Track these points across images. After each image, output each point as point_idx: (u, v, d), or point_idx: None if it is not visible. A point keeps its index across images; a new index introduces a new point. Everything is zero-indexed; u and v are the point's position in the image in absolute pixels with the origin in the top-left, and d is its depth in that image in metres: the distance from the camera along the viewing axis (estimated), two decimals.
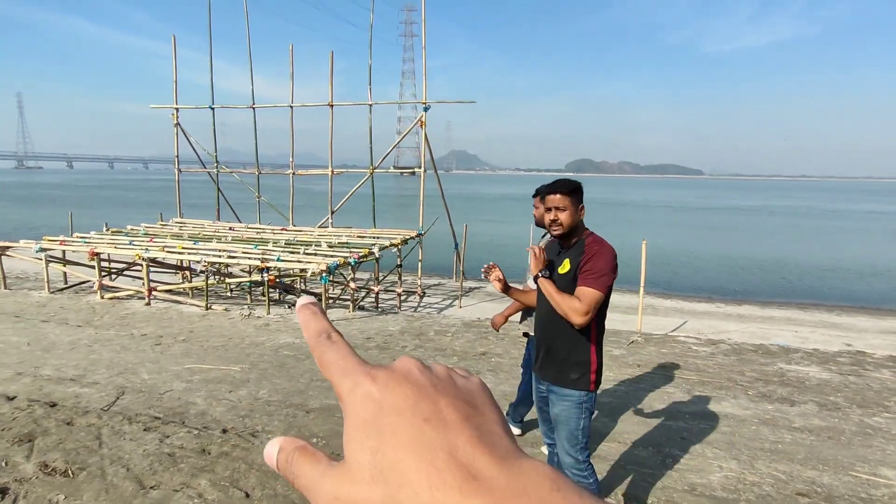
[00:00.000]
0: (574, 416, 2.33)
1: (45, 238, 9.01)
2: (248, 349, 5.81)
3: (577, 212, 2.36)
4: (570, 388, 2.32)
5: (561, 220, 2.33)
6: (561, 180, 2.38)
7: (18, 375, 4.66)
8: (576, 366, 2.32)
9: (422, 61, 10.69)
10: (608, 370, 5.48)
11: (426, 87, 10.53)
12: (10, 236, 18.85)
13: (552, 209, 2.35)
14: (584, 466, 2.38)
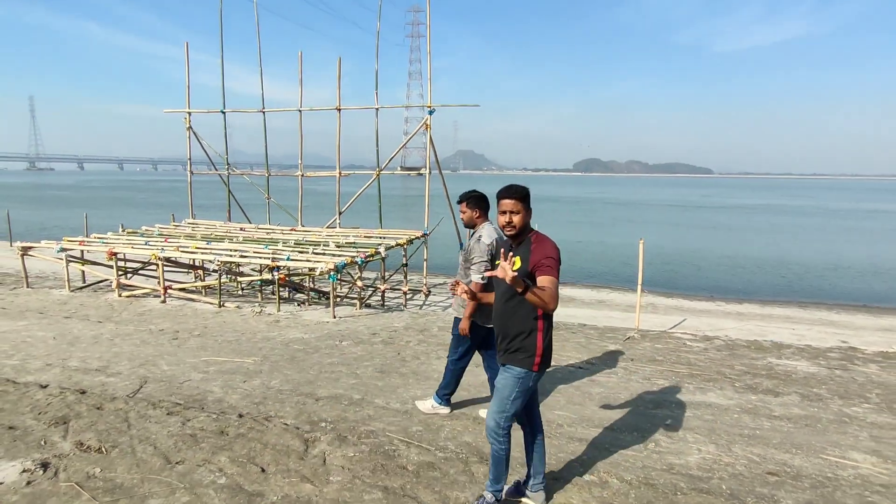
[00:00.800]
0: (509, 385, 2.67)
1: (65, 239, 9.38)
2: (259, 343, 6.12)
3: (527, 214, 2.71)
4: (515, 365, 2.67)
5: (514, 221, 2.67)
6: (514, 186, 2.71)
7: (48, 366, 5.00)
8: (523, 348, 2.66)
9: (428, 63, 10.98)
10: (602, 363, 5.74)
11: (430, 90, 10.82)
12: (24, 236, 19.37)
13: (507, 212, 2.68)
14: (501, 433, 2.71)
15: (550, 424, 4.04)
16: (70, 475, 2.97)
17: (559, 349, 6.30)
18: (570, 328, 7.64)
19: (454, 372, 4.14)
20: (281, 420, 3.86)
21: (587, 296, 12.51)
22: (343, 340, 6.34)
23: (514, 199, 2.67)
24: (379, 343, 6.29)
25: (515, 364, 2.67)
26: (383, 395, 4.55)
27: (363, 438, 3.58)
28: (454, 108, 11.73)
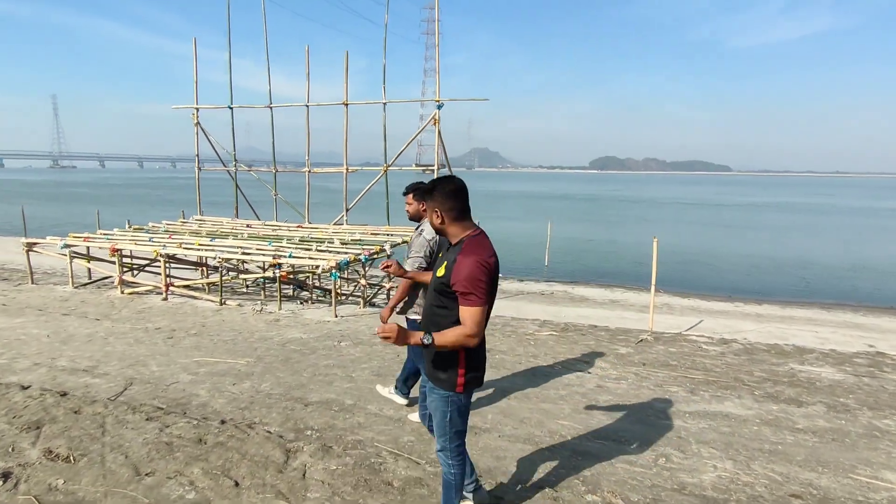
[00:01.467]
0: (440, 408, 2.38)
1: (70, 235, 9.32)
2: (255, 343, 5.93)
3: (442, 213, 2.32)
4: (439, 387, 2.36)
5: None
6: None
7: (35, 366, 4.86)
8: (444, 366, 2.31)
9: (439, 59, 10.72)
10: (612, 368, 5.44)
11: (439, 84, 10.57)
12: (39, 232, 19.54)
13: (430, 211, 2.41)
14: (447, 455, 2.44)
15: (553, 436, 3.76)
16: (31, 487, 2.77)
17: (567, 352, 6.02)
18: (579, 330, 7.34)
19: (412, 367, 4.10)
20: (265, 427, 3.64)
21: (600, 295, 12.16)
22: (342, 341, 6.12)
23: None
24: (379, 344, 6.06)
25: (437, 384, 2.36)
26: (377, 401, 4.31)
27: (349, 449, 3.34)
28: (468, 106, 11.46)
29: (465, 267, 2.15)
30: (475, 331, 2.13)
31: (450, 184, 2.32)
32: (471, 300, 2.13)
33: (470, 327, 2.13)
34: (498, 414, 4.13)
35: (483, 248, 2.22)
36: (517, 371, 5.23)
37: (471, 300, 2.13)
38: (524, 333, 6.93)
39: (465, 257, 2.18)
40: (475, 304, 2.13)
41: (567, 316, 9.32)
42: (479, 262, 2.15)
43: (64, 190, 60.39)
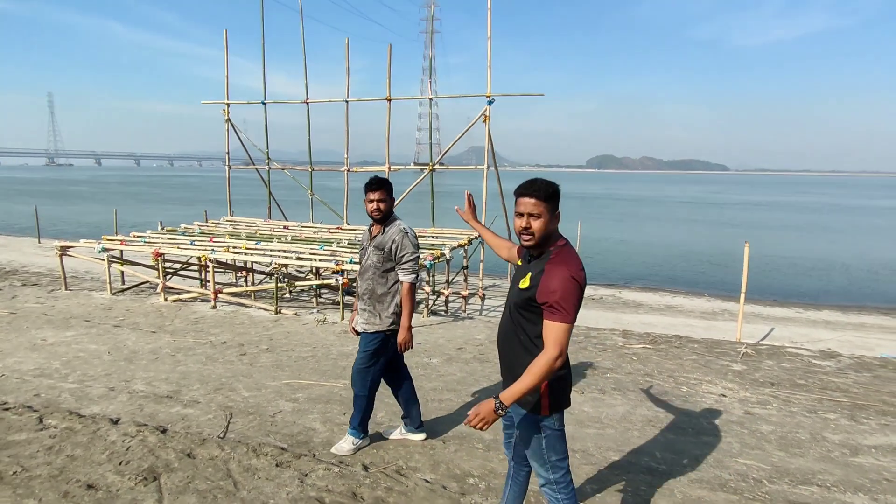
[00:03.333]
0: (531, 434, 2.16)
1: (104, 238, 8.71)
2: (339, 360, 5.37)
3: (553, 220, 2.08)
4: (524, 410, 2.14)
5: (533, 228, 2.05)
6: (538, 181, 2.09)
7: (111, 391, 4.28)
8: None
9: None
10: (741, 389, 4.92)
11: (490, 78, 10.00)
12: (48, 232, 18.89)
13: (524, 215, 2.07)
14: (554, 489, 2.19)
15: (745, 479, 3.23)
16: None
17: (678, 369, 5.49)
18: (669, 342, 6.81)
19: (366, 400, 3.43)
20: (419, 475, 3.08)
21: (652, 300, 11.65)
22: (431, 357, 5.57)
23: (537, 198, 2.05)
24: (473, 361, 5.51)
25: (524, 407, 2.13)
26: None
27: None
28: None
29: (557, 279, 1.95)
30: (559, 350, 1.92)
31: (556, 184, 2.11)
32: (559, 316, 1.93)
33: (554, 348, 1.92)
34: (664, 451, 3.60)
35: (574, 260, 2.03)
36: (645, 394, 4.70)
37: (559, 316, 1.93)
38: (616, 346, 6.40)
39: (556, 268, 1.98)
40: (563, 321, 1.93)
41: (631, 323, 8.81)
42: (572, 275, 1.97)
43: (61, 188, 59.38)
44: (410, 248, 3.21)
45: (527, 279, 2.05)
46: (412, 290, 3.22)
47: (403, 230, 3.23)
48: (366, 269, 3.32)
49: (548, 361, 1.91)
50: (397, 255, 3.21)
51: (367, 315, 3.30)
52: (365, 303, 3.31)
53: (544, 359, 1.92)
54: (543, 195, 2.05)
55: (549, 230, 2.06)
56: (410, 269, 3.20)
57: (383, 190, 3.23)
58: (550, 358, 1.92)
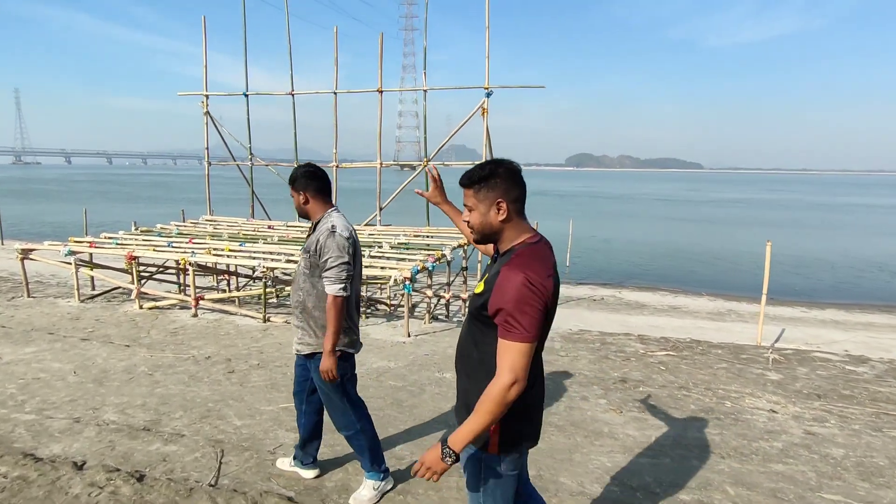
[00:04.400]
0: (472, 474, 1.73)
1: (71, 239, 7.92)
2: None
3: (491, 210, 1.67)
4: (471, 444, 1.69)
5: (472, 222, 1.72)
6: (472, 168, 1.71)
7: (76, 424, 3.61)
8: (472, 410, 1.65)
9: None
10: (788, 403, 4.47)
11: (488, 69, 9.47)
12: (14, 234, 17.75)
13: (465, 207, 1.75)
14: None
15: None
16: None
17: (712, 380, 5.03)
18: (690, 347, 6.37)
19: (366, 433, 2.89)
20: None
21: (654, 300, 11.25)
22: (443, 372, 5.01)
23: (465, 186, 1.69)
24: None
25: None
26: (561, 467, 3.23)
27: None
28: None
29: (510, 286, 1.54)
30: (513, 376, 1.51)
31: (512, 163, 1.69)
32: (514, 333, 1.53)
33: (507, 373, 1.52)
34: (736, 484, 3.10)
35: (540, 263, 1.61)
36: (683, 412, 4.21)
37: (514, 333, 1.53)
38: (638, 354, 5.93)
39: (512, 272, 1.56)
40: (519, 339, 1.53)
41: (639, 326, 8.38)
42: (526, 281, 1.54)
43: (27, 186, 57.02)
44: (335, 252, 2.57)
45: (481, 284, 1.68)
46: (339, 305, 2.57)
47: (330, 228, 2.62)
48: (295, 278, 2.77)
49: (499, 391, 1.51)
50: (321, 259, 2.61)
51: (300, 333, 2.74)
52: (297, 318, 2.75)
53: (495, 388, 1.52)
54: (468, 181, 1.67)
55: (491, 224, 1.68)
56: (334, 277, 2.56)
57: (291, 186, 2.75)
58: (502, 386, 1.51)
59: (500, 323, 1.56)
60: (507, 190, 1.65)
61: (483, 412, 1.52)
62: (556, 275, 1.67)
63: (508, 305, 1.53)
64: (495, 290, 1.58)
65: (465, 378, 1.74)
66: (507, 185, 1.65)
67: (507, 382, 1.51)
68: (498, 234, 1.70)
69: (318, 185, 2.73)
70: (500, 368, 1.54)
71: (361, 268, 2.89)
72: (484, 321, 1.64)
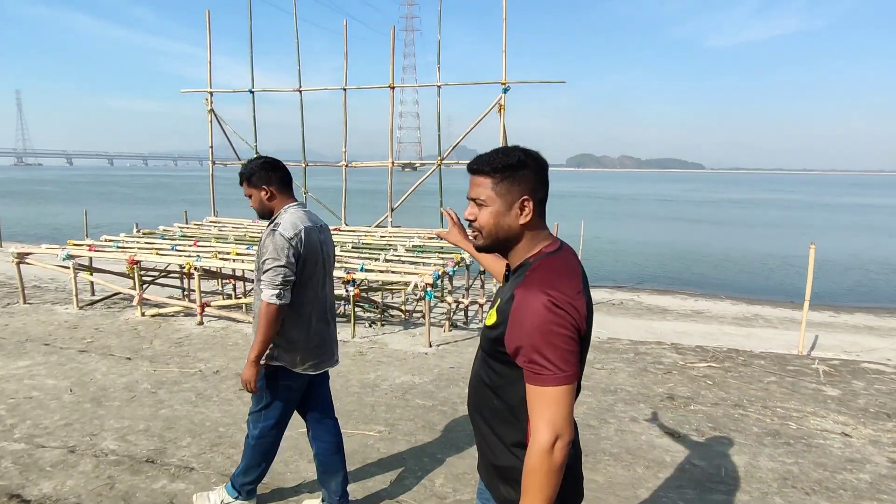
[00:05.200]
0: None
1: (70, 242, 7.51)
2: (361, 394, 4.35)
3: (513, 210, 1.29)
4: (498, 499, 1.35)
5: (479, 222, 1.31)
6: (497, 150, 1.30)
7: (71, 454, 3.19)
8: (505, 475, 1.31)
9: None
10: (858, 424, 4.04)
11: (505, 62, 9.06)
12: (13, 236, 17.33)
13: (471, 201, 1.33)
14: None
15: None
16: None
17: (766, 396, 4.61)
18: (731, 357, 5.95)
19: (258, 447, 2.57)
20: None
21: (675, 305, 10.83)
22: None
23: (484, 174, 1.28)
24: None
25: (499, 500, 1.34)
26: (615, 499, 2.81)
27: None
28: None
29: (530, 314, 1.16)
30: (556, 432, 1.13)
31: (541, 157, 1.31)
32: (545, 376, 1.15)
33: (546, 431, 1.14)
34: None
35: (565, 278, 1.22)
36: (747, 436, 3.78)
37: (545, 376, 1.15)
38: (677, 365, 5.51)
39: (530, 294, 1.18)
40: (553, 383, 1.15)
41: (666, 333, 7.96)
42: (553, 305, 1.15)
43: (27, 188, 56.65)
44: (271, 253, 2.28)
45: (493, 312, 1.29)
46: (271, 313, 2.27)
47: (273, 227, 2.34)
48: (255, 283, 2.42)
49: (542, 458, 1.13)
50: (261, 259, 2.33)
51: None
52: (254, 326, 2.41)
53: (536, 456, 1.14)
54: (487, 167, 1.26)
55: (509, 227, 1.29)
56: (268, 281, 2.27)
57: (244, 183, 2.45)
58: (544, 451, 1.13)
59: (524, 364, 1.19)
60: (535, 187, 1.28)
61: (535, 491, 1.15)
62: (587, 290, 1.29)
63: (532, 340, 1.16)
64: (511, 322, 1.20)
65: (484, 427, 1.36)
66: (536, 180, 1.29)
67: (549, 442, 1.13)
68: (513, 242, 1.31)
69: (281, 175, 2.45)
70: (535, 425, 1.16)
71: (326, 274, 2.54)
72: (502, 360, 1.27)
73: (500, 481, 1.33)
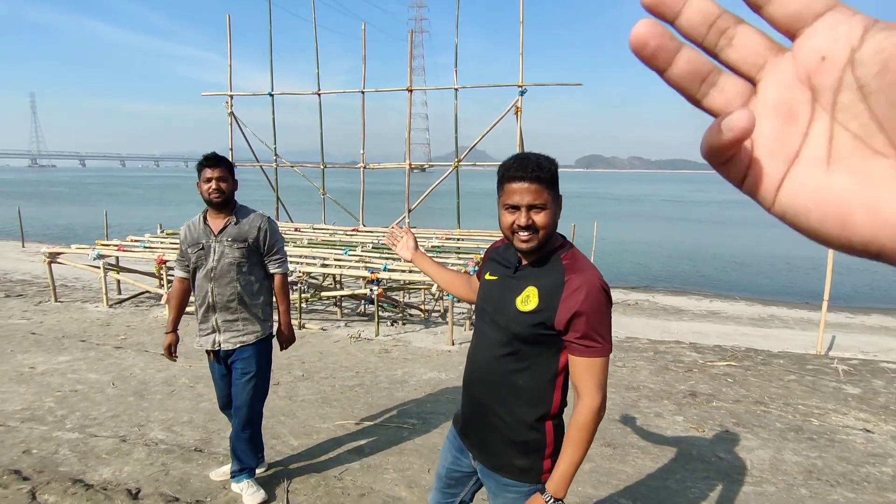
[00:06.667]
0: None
1: (98, 243, 7.72)
2: (391, 390, 4.49)
3: (558, 209, 1.48)
4: (515, 479, 1.51)
5: (538, 224, 1.43)
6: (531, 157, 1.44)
7: (124, 443, 3.35)
8: (524, 448, 1.49)
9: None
10: (882, 421, 4.12)
11: (522, 65, 9.19)
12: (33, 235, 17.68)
13: (520, 207, 1.42)
14: None
15: None
16: None
17: (786, 394, 4.69)
18: (748, 356, 6.03)
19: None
20: None
21: (690, 305, 10.88)
22: None
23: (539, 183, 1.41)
24: None
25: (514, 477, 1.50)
26: (659, 496, 2.92)
27: None
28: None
29: (585, 295, 1.36)
30: (603, 396, 1.39)
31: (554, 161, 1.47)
32: (597, 348, 1.38)
33: (597, 393, 1.38)
34: None
35: (592, 265, 1.46)
36: (770, 431, 3.88)
37: (597, 348, 1.38)
38: (697, 364, 5.60)
39: (579, 278, 1.39)
40: (603, 353, 1.39)
41: (683, 333, 8.04)
42: (602, 287, 1.40)
43: (42, 189, 57.44)
44: (279, 235, 2.82)
45: (532, 296, 1.43)
46: (287, 282, 2.85)
47: (266, 216, 2.77)
48: (222, 272, 2.62)
49: (595, 415, 1.37)
50: (268, 245, 2.73)
51: (240, 325, 2.69)
52: (231, 312, 2.67)
53: (589, 414, 1.36)
54: (545, 173, 1.41)
55: (555, 226, 1.48)
56: (284, 258, 2.83)
57: (223, 167, 2.61)
58: (596, 410, 1.37)
59: (577, 340, 1.38)
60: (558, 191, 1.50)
61: (579, 443, 1.37)
62: None
63: (591, 317, 1.36)
64: (566, 302, 1.38)
65: (500, 408, 1.51)
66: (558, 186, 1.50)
67: (599, 404, 1.38)
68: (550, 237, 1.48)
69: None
70: (586, 390, 1.38)
71: None
72: (534, 342, 1.44)
73: (518, 454, 1.50)
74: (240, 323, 2.67)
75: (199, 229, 2.66)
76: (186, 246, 2.68)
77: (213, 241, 2.63)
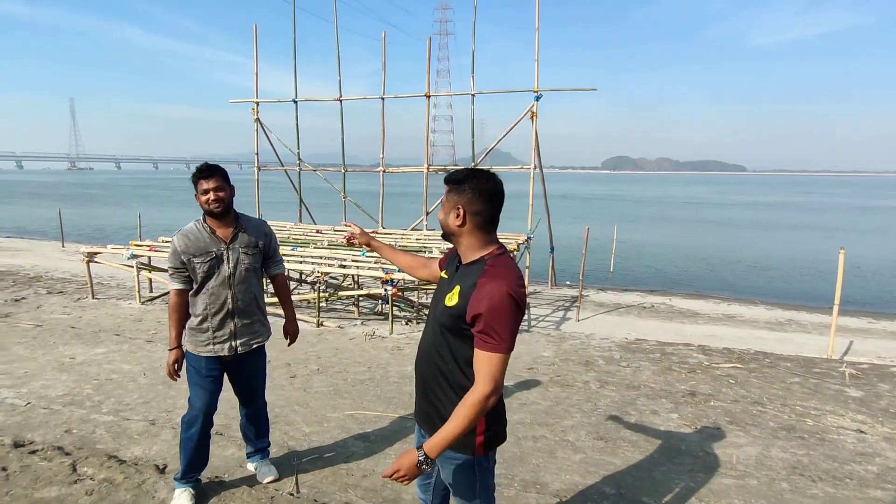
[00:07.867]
0: (464, 479, 1.79)
1: (131, 243, 8.20)
2: (401, 384, 4.75)
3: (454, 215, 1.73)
4: (454, 451, 1.74)
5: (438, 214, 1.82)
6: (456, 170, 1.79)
7: (153, 426, 3.69)
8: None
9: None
10: (878, 423, 4.19)
11: (538, 71, 9.36)
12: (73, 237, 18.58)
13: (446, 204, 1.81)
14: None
15: None
16: None
17: (787, 395, 4.78)
18: (758, 359, 6.09)
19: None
20: None
21: (706, 309, 10.86)
22: (509, 379, 4.92)
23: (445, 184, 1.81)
24: (550, 384, 4.85)
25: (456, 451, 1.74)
26: (643, 486, 3.09)
27: None
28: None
29: (491, 296, 1.59)
30: (493, 386, 1.59)
31: (487, 181, 1.73)
32: (492, 344, 1.59)
33: (486, 383, 1.59)
34: None
35: (512, 273, 1.67)
36: (762, 429, 3.99)
37: (492, 344, 1.59)
38: (703, 366, 5.70)
39: (490, 282, 1.62)
40: (497, 350, 1.59)
41: (695, 335, 8.09)
42: (509, 293, 1.60)
43: (80, 191, 59.74)
44: (275, 237, 2.97)
45: (455, 294, 1.70)
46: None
47: (263, 220, 3.00)
48: (241, 278, 2.73)
49: (480, 400, 1.58)
50: (272, 249, 2.92)
51: (256, 326, 2.88)
52: (248, 316, 2.81)
53: (475, 397, 1.59)
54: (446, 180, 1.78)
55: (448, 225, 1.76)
56: (282, 258, 3.04)
57: (218, 176, 2.68)
58: (482, 396, 1.58)
59: (479, 334, 1.61)
60: (470, 201, 1.71)
61: (462, 418, 1.58)
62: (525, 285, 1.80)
63: (490, 317, 1.58)
64: (473, 302, 1.61)
65: (436, 388, 1.78)
66: (471, 197, 1.71)
67: (488, 392, 1.58)
68: (454, 238, 1.77)
69: None
70: (480, 378, 1.60)
71: None
72: (456, 333, 1.69)
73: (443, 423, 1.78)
74: (256, 325, 2.85)
75: (206, 238, 2.66)
76: (190, 256, 2.63)
77: (225, 248, 2.68)
